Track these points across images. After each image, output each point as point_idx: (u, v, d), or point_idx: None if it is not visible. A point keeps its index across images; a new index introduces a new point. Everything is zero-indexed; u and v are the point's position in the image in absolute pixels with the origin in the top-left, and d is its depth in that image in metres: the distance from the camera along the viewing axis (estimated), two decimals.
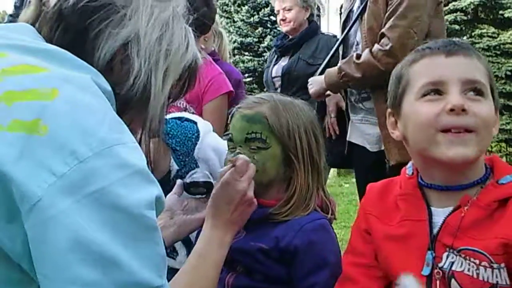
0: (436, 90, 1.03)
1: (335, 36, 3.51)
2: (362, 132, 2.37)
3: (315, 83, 2.50)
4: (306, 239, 1.21)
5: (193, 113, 2.18)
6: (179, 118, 1.72)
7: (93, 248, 0.67)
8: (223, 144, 1.65)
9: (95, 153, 0.68)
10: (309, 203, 1.28)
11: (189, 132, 1.67)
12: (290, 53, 3.41)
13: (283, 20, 3.42)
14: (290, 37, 3.46)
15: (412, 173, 1.15)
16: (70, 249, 0.66)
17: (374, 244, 1.14)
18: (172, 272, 0.77)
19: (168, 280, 0.80)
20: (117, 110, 0.80)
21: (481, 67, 1.06)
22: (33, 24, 0.86)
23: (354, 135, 2.44)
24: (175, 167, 1.65)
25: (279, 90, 3.34)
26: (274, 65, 3.50)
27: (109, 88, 0.80)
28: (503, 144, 10.92)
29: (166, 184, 1.61)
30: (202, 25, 2.65)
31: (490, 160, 1.11)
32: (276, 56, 3.56)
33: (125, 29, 0.83)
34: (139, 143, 0.89)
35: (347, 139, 2.49)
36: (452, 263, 1.01)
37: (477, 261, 0.98)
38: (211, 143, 1.68)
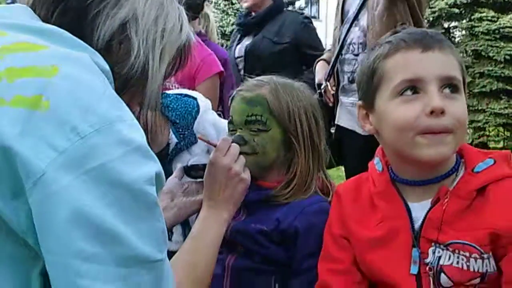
0: (412, 87, 1.01)
1: (302, 14, 3.35)
2: (353, 115, 2.30)
3: None
4: (306, 222, 1.22)
5: None
6: (179, 94, 1.74)
7: (94, 222, 0.68)
8: (223, 121, 1.68)
9: (95, 130, 0.69)
10: (310, 185, 1.29)
11: (189, 106, 1.70)
12: (254, 32, 3.19)
13: None
14: (253, 14, 3.22)
15: (382, 168, 1.13)
16: (71, 224, 0.67)
17: (355, 250, 1.12)
18: (168, 254, 0.79)
19: None
20: (116, 89, 0.80)
21: (455, 61, 1.04)
22: (31, 6, 0.86)
23: (344, 118, 2.39)
24: (174, 140, 1.67)
25: (242, 72, 3.11)
26: (237, 44, 3.27)
27: (107, 67, 0.80)
28: (501, 129, 10.95)
29: (165, 157, 1.66)
30: (195, 5, 2.64)
31: (459, 148, 1.10)
32: (239, 36, 3.33)
33: (123, 9, 0.84)
34: (138, 120, 0.90)
35: (336, 122, 2.43)
36: (439, 257, 1.00)
37: (467, 254, 0.97)
38: (210, 119, 1.72)
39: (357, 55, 2.35)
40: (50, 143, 0.67)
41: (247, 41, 3.21)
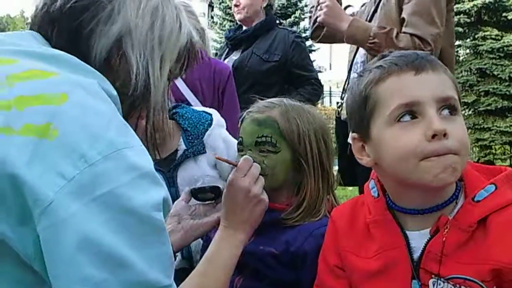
0: (410, 111, 0.96)
1: (293, 32, 3.27)
2: None
3: (334, 15, 2.19)
4: (315, 244, 1.21)
5: None
6: (197, 109, 1.83)
7: (102, 249, 0.68)
8: (233, 140, 1.68)
9: (103, 157, 0.70)
10: (320, 208, 1.28)
11: (203, 118, 1.76)
12: (243, 47, 3.09)
13: (236, 5, 3.08)
14: (244, 28, 3.13)
15: (378, 194, 1.08)
16: (79, 251, 0.67)
17: (351, 281, 1.09)
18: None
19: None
20: (124, 112, 0.81)
21: (449, 80, 1.00)
22: (38, 30, 0.87)
23: None
24: (182, 146, 1.70)
25: None
26: (225, 59, 3.14)
27: (115, 93, 0.81)
28: (507, 147, 10.91)
29: (171, 162, 1.68)
30: None
31: None
32: (227, 49, 3.22)
33: (115, 24, 0.84)
34: (145, 130, 0.91)
35: (349, 141, 2.44)
36: None
37: None
38: (222, 134, 1.76)
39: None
40: (58, 171, 0.68)
41: (235, 56, 3.11)
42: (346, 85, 2.47)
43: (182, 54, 0.95)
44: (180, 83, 2.42)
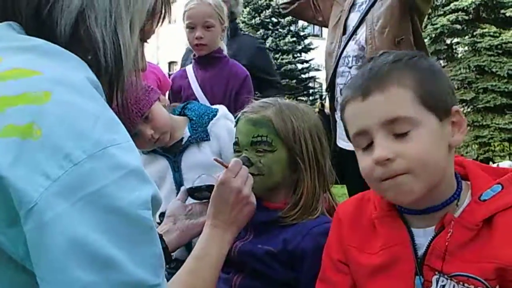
0: (364, 138, 0.99)
1: (257, 38, 3.24)
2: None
3: None
4: (313, 243, 1.21)
5: None
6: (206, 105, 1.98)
7: (89, 250, 0.67)
8: None
9: (89, 156, 0.68)
10: (317, 206, 1.28)
11: (209, 110, 1.87)
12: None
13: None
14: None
15: None
16: (66, 252, 0.66)
17: (355, 276, 1.09)
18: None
19: None
20: (108, 96, 0.80)
21: (403, 92, 0.97)
22: (11, 17, 0.84)
23: (339, 138, 2.35)
24: (187, 133, 1.81)
25: None
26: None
27: (96, 78, 0.79)
28: (506, 144, 10.92)
29: (177, 149, 1.81)
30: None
31: (462, 166, 1.05)
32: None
33: None
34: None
35: (335, 143, 2.40)
36: (443, 286, 0.97)
37: (472, 287, 0.94)
38: (227, 125, 1.82)
39: (350, 67, 2.37)
40: (43, 172, 0.66)
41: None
42: (335, 79, 2.43)
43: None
44: (193, 82, 2.45)
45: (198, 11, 2.46)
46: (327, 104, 2.59)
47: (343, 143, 2.33)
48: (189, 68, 2.66)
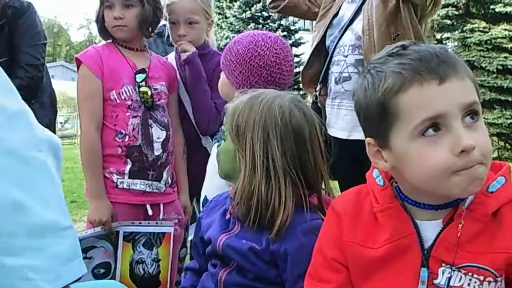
0: (435, 124, 0.92)
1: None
2: (338, 118, 2.21)
3: None
4: (296, 243, 1.18)
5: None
6: None
7: None
8: None
9: None
10: (278, 213, 1.18)
11: None
12: None
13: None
14: None
15: (384, 182, 1.06)
16: None
17: (358, 272, 1.06)
18: None
19: None
20: None
21: (470, 82, 0.95)
22: None
23: (330, 126, 2.29)
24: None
25: None
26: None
27: None
28: (495, 138, 10.98)
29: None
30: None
31: None
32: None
33: None
34: None
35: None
36: (449, 278, 0.96)
37: (482, 277, 0.94)
38: None
39: (346, 56, 2.36)
40: None
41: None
42: (331, 67, 2.41)
43: None
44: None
45: (182, 6, 2.22)
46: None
47: (332, 130, 2.31)
48: (172, 58, 2.42)
